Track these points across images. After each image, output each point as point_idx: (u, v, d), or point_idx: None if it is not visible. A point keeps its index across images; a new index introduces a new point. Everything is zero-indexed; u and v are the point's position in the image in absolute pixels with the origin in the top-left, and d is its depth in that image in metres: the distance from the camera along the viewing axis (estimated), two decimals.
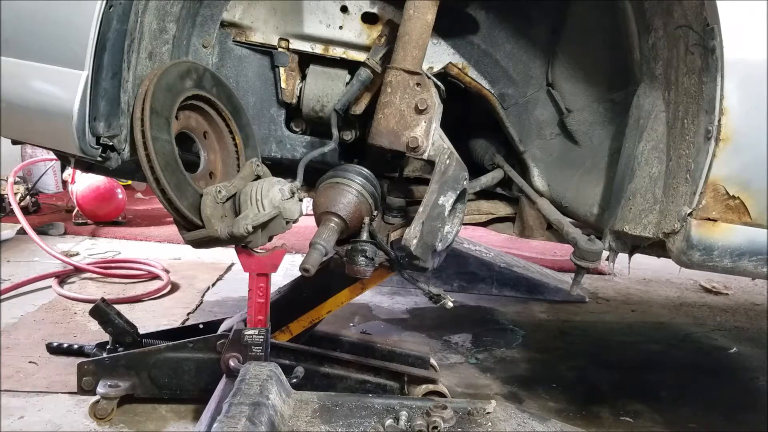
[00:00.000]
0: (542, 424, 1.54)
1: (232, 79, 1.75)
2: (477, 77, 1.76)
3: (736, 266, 1.37)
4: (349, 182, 1.58)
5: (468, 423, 1.52)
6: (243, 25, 1.70)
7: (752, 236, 1.34)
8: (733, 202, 1.31)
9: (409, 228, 1.47)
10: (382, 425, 1.49)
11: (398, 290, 3.35)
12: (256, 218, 1.53)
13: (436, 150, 1.51)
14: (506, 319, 3.09)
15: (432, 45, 1.65)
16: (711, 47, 1.26)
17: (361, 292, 2.01)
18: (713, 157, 1.28)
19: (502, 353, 2.63)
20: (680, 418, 2.14)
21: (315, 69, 1.74)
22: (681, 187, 1.39)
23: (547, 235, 1.89)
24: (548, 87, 1.79)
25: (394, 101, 1.49)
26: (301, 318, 1.99)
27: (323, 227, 1.52)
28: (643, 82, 1.54)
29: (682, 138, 1.40)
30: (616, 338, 2.91)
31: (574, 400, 2.20)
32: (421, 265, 1.52)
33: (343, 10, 1.67)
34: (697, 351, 2.84)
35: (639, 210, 1.48)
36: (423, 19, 1.49)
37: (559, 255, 3.90)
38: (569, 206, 1.78)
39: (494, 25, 1.73)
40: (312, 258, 1.41)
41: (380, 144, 1.51)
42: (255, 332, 1.71)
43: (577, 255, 1.57)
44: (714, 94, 1.26)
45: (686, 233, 1.35)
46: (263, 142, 1.79)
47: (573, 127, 1.78)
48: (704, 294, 3.75)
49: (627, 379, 2.46)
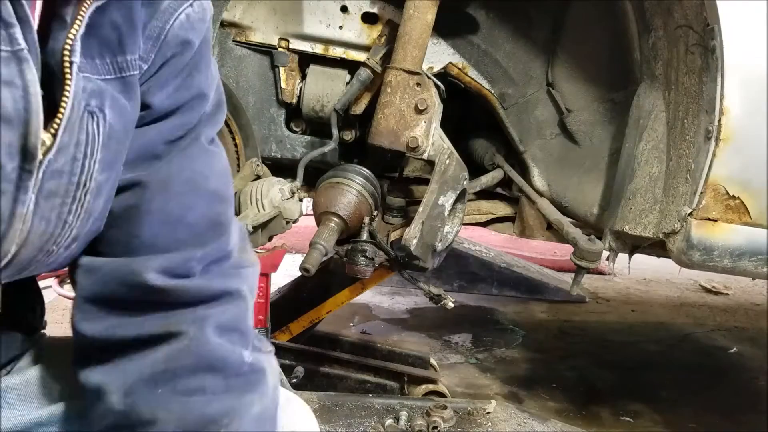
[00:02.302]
0: (542, 424, 1.54)
1: (232, 79, 1.74)
2: (477, 77, 1.76)
3: (736, 266, 1.37)
4: (349, 182, 1.58)
5: (468, 423, 1.52)
6: (243, 25, 1.70)
7: (752, 236, 1.34)
8: (733, 202, 1.31)
9: (409, 228, 1.47)
10: (382, 425, 1.49)
11: (398, 290, 3.35)
12: (256, 218, 1.53)
13: (436, 150, 1.51)
14: (506, 319, 3.09)
15: (432, 45, 1.65)
16: (711, 47, 1.26)
17: (361, 292, 2.01)
18: (713, 157, 1.28)
19: (502, 353, 2.63)
20: (680, 418, 2.14)
21: (315, 69, 1.74)
22: (681, 187, 1.39)
23: (547, 235, 1.89)
24: (548, 87, 1.79)
25: (394, 101, 1.49)
26: (301, 318, 1.99)
27: (323, 227, 1.52)
28: (643, 82, 1.54)
29: (682, 138, 1.40)
30: (616, 338, 2.91)
31: (574, 400, 2.20)
32: (421, 265, 1.52)
33: (343, 10, 1.67)
34: (697, 351, 2.84)
35: (639, 210, 1.48)
36: (423, 19, 1.48)
37: (559, 255, 3.89)
38: (569, 206, 1.78)
39: (494, 25, 1.72)
40: (312, 258, 1.41)
41: (380, 144, 1.51)
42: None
43: (577, 255, 1.57)
44: (714, 94, 1.26)
45: (686, 233, 1.35)
46: (263, 142, 1.79)
47: (573, 127, 1.78)
48: (704, 294, 3.75)
49: (627, 379, 2.46)
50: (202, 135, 0.71)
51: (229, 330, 0.69)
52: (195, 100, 0.70)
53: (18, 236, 0.56)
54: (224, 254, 0.71)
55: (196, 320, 0.67)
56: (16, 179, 0.53)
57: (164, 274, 0.66)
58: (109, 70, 0.61)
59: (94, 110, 0.59)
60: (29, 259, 0.60)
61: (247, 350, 0.70)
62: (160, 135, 0.68)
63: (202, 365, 0.66)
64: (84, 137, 0.58)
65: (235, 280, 0.72)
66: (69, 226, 0.61)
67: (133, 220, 0.66)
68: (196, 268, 0.68)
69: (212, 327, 0.67)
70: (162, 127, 0.68)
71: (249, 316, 0.73)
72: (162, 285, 0.65)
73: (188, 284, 0.67)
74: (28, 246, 0.58)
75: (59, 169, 0.57)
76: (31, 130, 0.52)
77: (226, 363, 0.67)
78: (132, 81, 0.63)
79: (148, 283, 0.65)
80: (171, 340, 0.66)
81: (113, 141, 0.62)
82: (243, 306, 0.72)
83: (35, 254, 0.60)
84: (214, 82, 0.74)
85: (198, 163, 0.70)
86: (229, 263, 0.72)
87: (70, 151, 0.57)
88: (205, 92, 0.71)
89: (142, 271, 0.65)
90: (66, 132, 0.56)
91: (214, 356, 0.66)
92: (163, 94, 0.67)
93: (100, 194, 0.62)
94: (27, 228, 0.56)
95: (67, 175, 0.58)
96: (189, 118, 0.70)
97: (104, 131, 0.60)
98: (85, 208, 0.61)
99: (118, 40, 0.61)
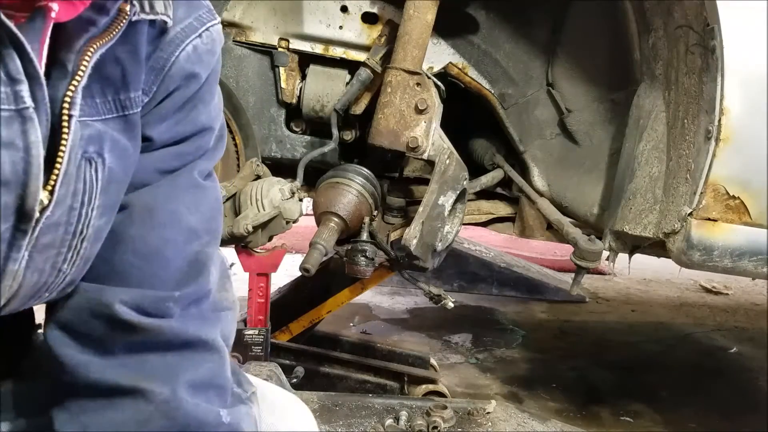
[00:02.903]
0: (542, 424, 1.54)
1: (232, 79, 1.74)
2: (477, 77, 1.76)
3: (736, 266, 1.37)
4: (349, 182, 1.58)
5: (468, 423, 1.52)
6: (243, 25, 1.70)
7: (752, 236, 1.34)
8: (733, 202, 1.31)
9: (409, 228, 1.47)
10: (382, 425, 1.49)
11: (398, 290, 3.35)
12: (256, 218, 1.53)
13: (436, 150, 1.51)
14: (506, 319, 3.09)
15: (432, 45, 1.65)
16: (711, 47, 1.26)
17: (361, 292, 2.01)
18: (713, 157, 1.28)
19: (502, 353, 2.63)
20: (680, 418, 2.14)
21: (315, 69, 1.74)
22: (681, 187, 1.39)
23: (547, 235, 1.89)
24: (548, 87, 1.79)
25: (394, 101, 1.49)
26: (301, 318, 1.99)
27: (323, 227, 1.52)
28: (644, 82, 1.54)
29: (682, 138, 1.40)
30: (616, 338, 2.91)
31: (574, 400, 2.20)
32: (421, 265, 1.52)
33: (343, 10, 1.67)
34: (697, 351, 2.84)
35: (639, 210, 1.48)
36: (423, 19, 1.48)
37: (559, 255, 3.89)
38: (569, 206, 1.78)
39: (494, 25, 1.72)
40: (312, 258, 1.41)
41: (380, 144, 1.51)
42: (255, 332, 1.71)
43: (577, 255, 1.57)
44: (714, 94, 1.26)
45: (686, 233, 1.35)
46: (263, 142, 1.79)
47: (573, 127, 1.78)
48: (704, 294, 3.75)
49: (627, 379, 2.46)
50: (197, 168, 0.68)
51: (205, 387, 0.64)
52: (197, 135, 0.67)
53: (8, 291, 0.54)
54: (203, 294, 0.67)
55: (169, 376, 0.61)
56: (9, 239, 0.51)
57: (136, 311, 0.61)
58: (111, 108, 0.58)
59: (92, 156, 0.56)
60: (20, 306, 0.58)
61: (225, 409, 0.65)
62: (154, 164, 0.64)
63: (175, 430, 0.61)
64: (81, 186, 0.55)
65: (211, 326, 0.67)
66: (63, 273, 0.58)
67: (109, 244, 0.62)
68: (173, 309, 0.63)
69: (186, 385, 0.62)
70: (157, 155, 0.64)
71: (226, 369, 0.68)
72: (132, 321, 0.61)
73: (163, 325, 0.62)
74: (18, 297, 0.56)
75: (55, 221, 0.54)
76: (30, 192, 0.50)
77: (202, 425, 0.62)
78: (134, 120, 0.60)
79: (117, 316, 0.60)
80: (139, 399, 0.60)
81: (113, 185, 0.59)
82: (218, 359, 0.67)
83: (26, 302, 0.58)
84: (219, 115, 0.71)
85: (187, 196, 0.66)
86: (207, 303, 0.68)
87: (66, 203, 0.55)
88: (209, 126, 0.68)
89: (111, 301, 0.61)
90: (63, 186, 0.53)
91: (189, 419, 0.61)
92: (162, 127, 0.64)
93: (98, 239, 0.60)
94: (18, 282, 0.54)
95: (64, 226, 0.55)
96: (188, 150, 0.66)
97: (103, 176, 0.57)
98: (81, 254, 0.58)
99: (121, 77, 0.58)
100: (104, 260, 0.62)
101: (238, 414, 0.67)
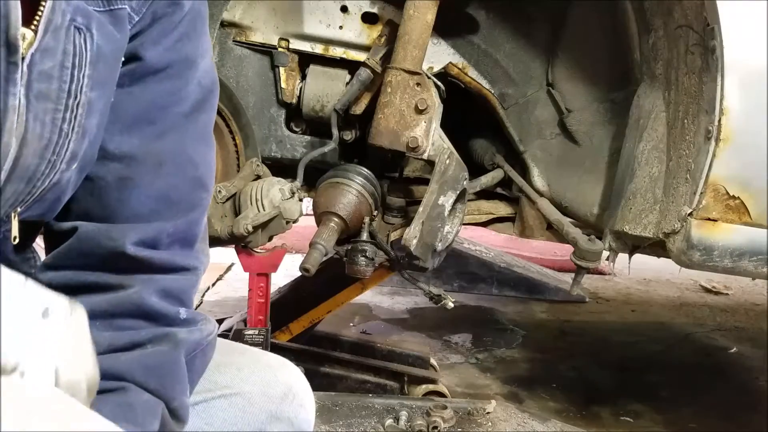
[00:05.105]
0: (542, 424, 1.54)
1: (232, 79, 1.74)
2: (477, 77, 1.76)
3: (736, 266, 1.37)
4: (349, 182, 1.58)
5: (468, 423, 1.52)
6: (243, 25, 1.70)
7: (752, 236, 1.34)
8: (734, 202, 1.31)
9: (409, 228, 1.47)
10: (382, 425, 1.49)
11: (398, 290, 3.35)
12: (256, 218, 1.53)
13: (436, 150, 1.51)
14: (506, 319, 3.09)
15: (432, 45, 1.65)
16: (711, 47, 1.26)
17: (361, 292, 2.01)
18: (713, 157, 1.28)
19: (502, 353, 2.63)
20: (680, 418, 2.14)
21: (315, 69, 1.74)
22: (681, 187, 1.39)
23: (547, 235, 1.89)
24: (548, 87, 1.79)
25: (394, 101, 1.49)
26: (301, 318, 1.99)
27: (323, 227, 1.52)
28: (644, 82, 1.54)
29: (682, 138, 1.40)
30: (616, 338, 2.91)
31: (574, 400, 2.20)
32: (421, 265, 1.52)
33: (343, 10, 1.67)
34: (697, 351, 2.84)
35: (639, 210, 1.48)
36: (423, 19, 1.48)
37: (559, 255, 3.89)
38: (569, 206, 1.78)
39: (494, 25, 1.72)
40: (312, 258, 1.41)
41: (380, 144, 1.51)
42: (255, 332, 1.71)
43: (577, 255, 1.57)
44: (714, 94, 1.26)
45: (686, 233, 1.35)
46: (263, 142, 1.79)
47: (573, 127, 1.78)
48: (704, 294, 3.75)
49: (627, 379, 2.46)
50: (200, 118, 0.75)
51: (172, 297, 0.73)
52: (183, 64, 0.72)
53: (15, 129, 0.58)
54: (192, 235, 0.75)
55: (146, 281, 0.71)
56: (4, 71, 0.56)
57: (139, 245, 0.70)
58: (99, 3, 0.64)
59: (81, 26, 0.61)
60: (32, 167, 0.62)
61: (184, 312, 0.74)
62: (154, 99, 0.71)
63: (138, 313, 0.71)
64: (71, 48, 0.61)
65: (194, 260, 0.76)
66: (65, 135, 0.63)
67: (123, 189, 0.70)
68: (164, 241, 0.72)
69: (157, 289, 0.71)
70: (155, 90, 0.71)
71: (194, 293, 0.77)
72: (135, 254, 0.70)
73: (154, 256, 0.71)
74: (27, 146, 0.60)
75: (47, 72, 0.60)
76: (10, 22, 0.54)
77: (161, 315, 0.72)
78: (120, 14, 0.66)
79: (125, 252, 0.69)
80: (119, 291, 0.70)
81: (101, 63, 0.64)
82: (193, 280, 0.76)
83: (37, 162, 0.62)
84: (206, 55, 0.76)
85: (193, 147, 0.74)
86: (195, 247, 0.76)
87: (57, 57, 0.60)
88: (194, 60, 0.74)
89: (120, 238, 0.69)
90: (50, 34, 0.59)
91: (151, 310, 0.71)
92: (154, 50, 0.70)
93: (92, 112, 0.65)
94: (23, 123, 0.59)
95: (57, 80, 0.61)
96: (179, 85, 0.72)
97: (92, 49, 0.63)
98: (79, 121, 0.64)
99: None
100: (119, 202, 0.70)
101: (197, 316, 0.76)
